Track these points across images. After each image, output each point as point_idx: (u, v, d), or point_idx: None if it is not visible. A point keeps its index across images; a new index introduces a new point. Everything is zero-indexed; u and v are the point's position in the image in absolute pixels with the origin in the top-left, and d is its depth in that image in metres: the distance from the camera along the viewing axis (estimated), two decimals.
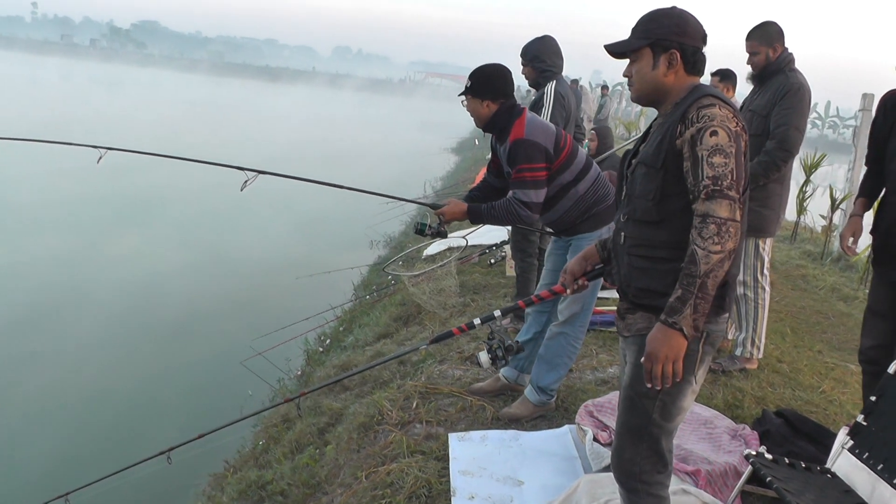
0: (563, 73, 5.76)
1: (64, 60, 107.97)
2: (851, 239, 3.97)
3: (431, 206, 4.18)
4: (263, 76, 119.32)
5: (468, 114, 4.06)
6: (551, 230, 4.22)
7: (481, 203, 4.04)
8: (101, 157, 4.76)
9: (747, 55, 4.85)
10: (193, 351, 8.69)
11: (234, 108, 49.85)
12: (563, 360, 4.11)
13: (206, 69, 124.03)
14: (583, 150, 4.10)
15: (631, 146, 2.73)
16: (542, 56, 5.47)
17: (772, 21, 4.81)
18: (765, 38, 4.75)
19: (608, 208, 3.95)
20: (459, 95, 4.06)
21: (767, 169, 4.65)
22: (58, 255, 12.12)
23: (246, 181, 4.38)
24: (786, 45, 4.77)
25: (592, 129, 10.25)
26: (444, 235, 4.22)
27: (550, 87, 5.44)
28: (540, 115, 5.32)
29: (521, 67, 5.56)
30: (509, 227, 6.62)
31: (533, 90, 5.70)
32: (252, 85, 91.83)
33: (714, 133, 2.28)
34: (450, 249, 8.18)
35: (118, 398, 7.58)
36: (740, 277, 4.89)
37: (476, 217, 4.01)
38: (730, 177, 2.25)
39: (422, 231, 4.17)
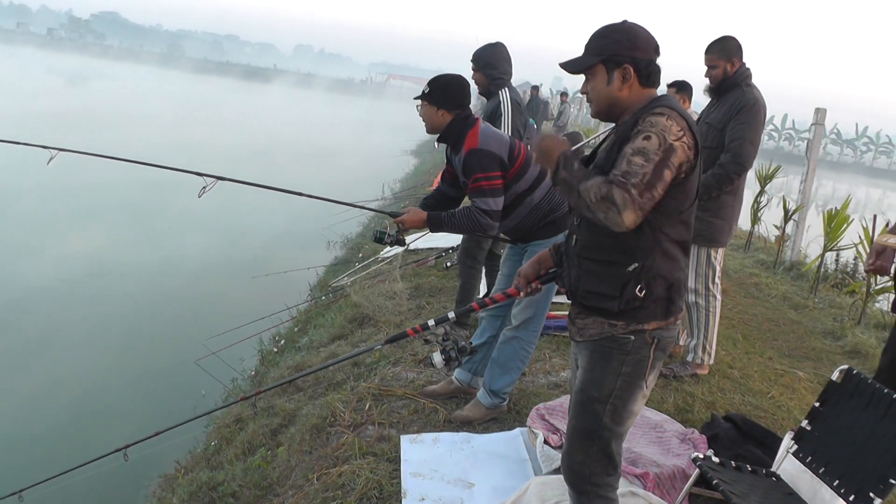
0: (526, 80, 5.76)
1: (19, 49, 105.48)
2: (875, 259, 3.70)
3: (391, 214, 4.17)
4: (227, 73, 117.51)
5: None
6: (507, 237, 4.25)
7: (439, 211, 4.05)
8: (51, 158, 4.60)
9: (706, 68, 4.92)
10: (147, 350, 8.55)
11: (195, 104, 49.06)
12: (516, 363, 4.13)
13: (165, 63, 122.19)
14: None
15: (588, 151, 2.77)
16: (495, 63, 5.42)
17: (731, 36, 4.89)
18: (724, 52, 4.82)
19: (564, 216, 3.98)
20: (415, 99, 4.07)
21: (721, 181, 4.72)
22: (6, 252, 11.86)
23: (204, 187, 4.29)
24: (743, 60, 4.86)
25: (564, 136, 10.39)
26: (402, 243, 4.23)
27: (505, 96, 5.39)
28: (500, 124, 5.32)
29: (472, 73, 5.48)
30: None
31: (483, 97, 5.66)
32: (214, 81, 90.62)
33: (647, 138, 2.29)
34: (404, 253, 8.20)
35: (72, 397, 7.43)
36: (692, 286, 4.97)
37: (436, 225, 4.01)
38: (640, 177, 2.24)
39: (381, 239, 4.17)
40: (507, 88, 5.44)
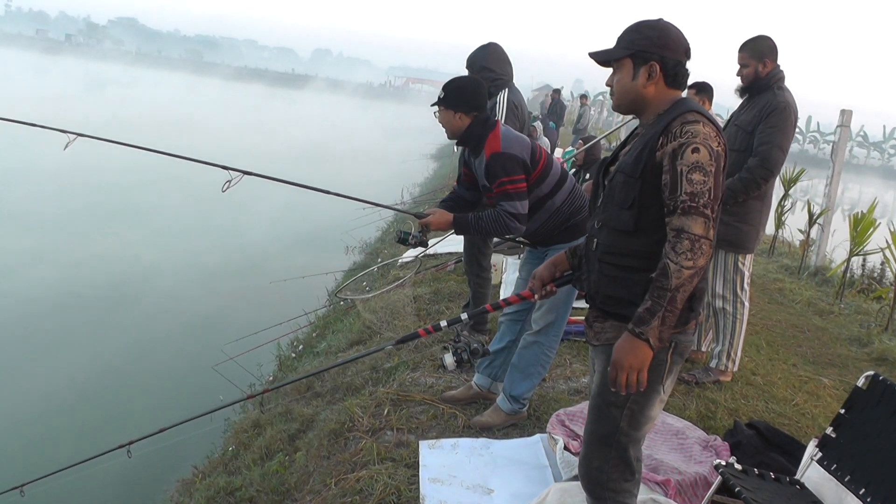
0: (546, 83, 5.66)
1: (39, 56, 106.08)
2: None
3: (416, 215, 4.14)
4: (258, 79, 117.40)
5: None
6: (527, 241, 4.21)
7: (465, 213, 4.01)
8: (68, 144, 4.54)
9: (738, 66, 4.84)
10: (164, 355, 8.59)
11: (238, 109, 49.19)
12: (537, 369, 4.09)
13: (188, 68, 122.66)
14: (558, 162, 4.09)
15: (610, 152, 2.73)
16: (490, 65, 5.21)
17: (766, 36, 4.78)
18: (755, 51, 4.72)
19: (585, 219, 3.93)
20: (432, 106, 4.05)
21: (748, 186, 4.64)
22: (27, 250, 11.97)
23: (228, 181, 4.25)
24: (778, 62, 4.77)
25: (580, 139, 10.48)
26: (425, 245, 4.19)
27: (502, 97, 5.21)
28: None
29: None
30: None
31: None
32: (245, 88, 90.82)
33: (696, 150, 2.29)
34: (423, 258, 8.16)
35: (85, 398, 7.48)
36: (720, 292, 4.90)
37: (462, 228, 3.98)
38: (707, 195, 2.27)
39: (404, 240, 4.13)
40: (506, 90, 5.25)
